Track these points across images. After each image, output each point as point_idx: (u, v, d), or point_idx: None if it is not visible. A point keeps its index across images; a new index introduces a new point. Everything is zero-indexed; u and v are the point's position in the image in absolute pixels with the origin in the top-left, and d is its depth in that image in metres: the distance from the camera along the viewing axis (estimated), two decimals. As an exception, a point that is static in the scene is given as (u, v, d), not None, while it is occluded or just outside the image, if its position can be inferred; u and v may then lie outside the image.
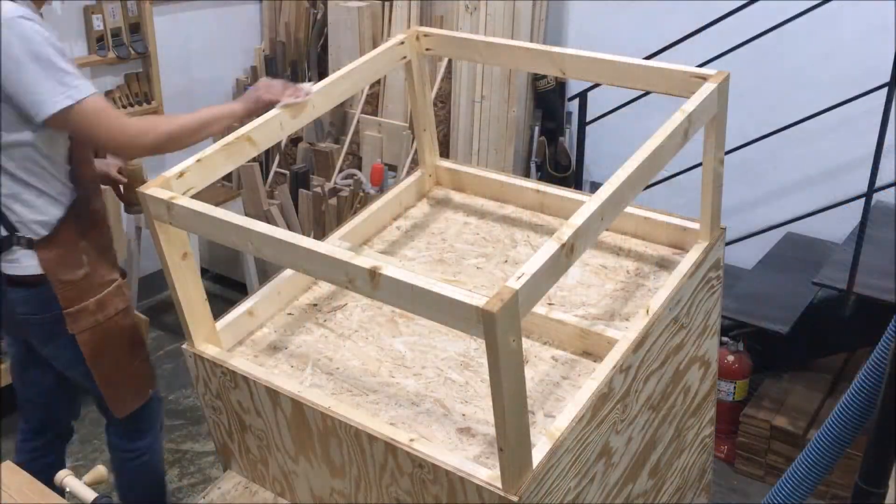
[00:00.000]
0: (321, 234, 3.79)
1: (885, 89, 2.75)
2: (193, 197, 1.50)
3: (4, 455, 3.15)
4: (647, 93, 2.96)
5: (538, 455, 1.32)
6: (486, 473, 1.31)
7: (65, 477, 1.72)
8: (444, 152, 3.94)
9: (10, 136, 1.94)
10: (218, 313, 1.69)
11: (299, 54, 4.33)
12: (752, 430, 3.11)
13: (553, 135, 4.04)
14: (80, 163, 2.07)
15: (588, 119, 3.54)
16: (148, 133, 1.93)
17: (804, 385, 3.24)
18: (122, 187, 2.42)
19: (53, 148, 2.00)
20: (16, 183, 1.99)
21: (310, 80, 4.26)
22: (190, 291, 1.57)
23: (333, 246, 1.41)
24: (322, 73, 4.27)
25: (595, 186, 3.60)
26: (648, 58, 2.88)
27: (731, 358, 3.17)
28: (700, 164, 1.76)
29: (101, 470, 1.78)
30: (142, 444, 2.44)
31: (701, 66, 2.09)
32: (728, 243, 2.33)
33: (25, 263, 2.04)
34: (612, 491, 1.62)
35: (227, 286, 4.29)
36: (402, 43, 1.90)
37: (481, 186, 2.10)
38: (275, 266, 1.55)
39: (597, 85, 3.24)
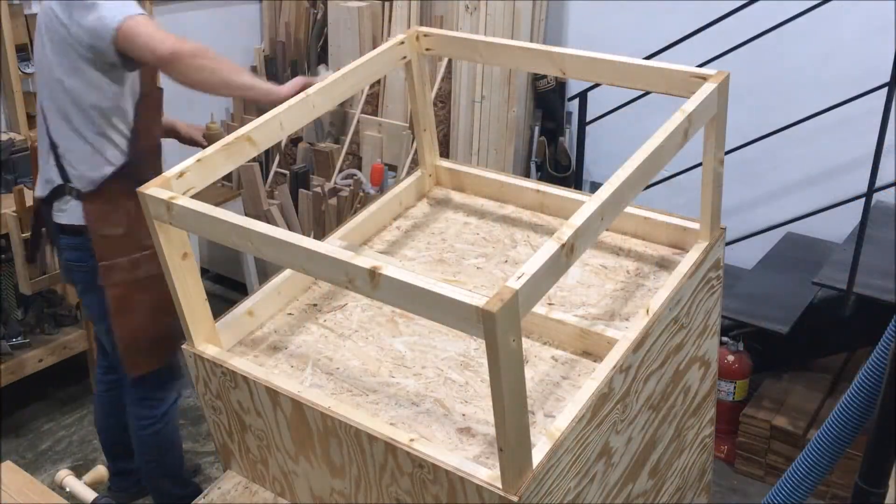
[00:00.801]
0: (321, 234, 3.79)
1: (885, 89, 2.76)
2: (193, 197, 1.50)
3: (5, 455, 3.16)
4: (647, 93, 2.96)
5: (538, 455, 1.32)
6: (486, 473, 1.32)
7: (65, 477, 1.72)
8: (444, 152, 3.95)
9: (89, 97, 2.19)
10: (218, 313, 1.69)
11: (299, 54, 4.33)
12: (752, 430, 3.11)
13: (553, 135, 4.04)
14: (140, 133, 2.28)
15: (588, 119, 3.54)
16: (174, 42, 2.05)
17: (804, 385, 3.24)
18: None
19: (120, 115, 2.24)
20: (79, 139, 2.22)
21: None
22: (190, 291, 1.57)
23: (333, 246, 1.41)
24: (322, 73, 4.27)
25: (595, 186, 3.60)
26: (648, 58, 2.88)
27: (731, 358, 3.17)
28: (700, 164, 1.76)
29: (101, 470, 1.78)
30: (153, 413, 2.57)
31: (701, 66, 2.09)
32: (728, 243, 2.33)
33: (74, 213, 2.27)
34: (612, 491, 1.62)
35: (227, 286, 4.29)
36: (402, 43, 1.90)
37: (481, 186, 2.10)
38: (275, 266, 1.55)
39: (597, 85, 3.24)
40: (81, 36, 2.14)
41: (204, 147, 2.56)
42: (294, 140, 4.24)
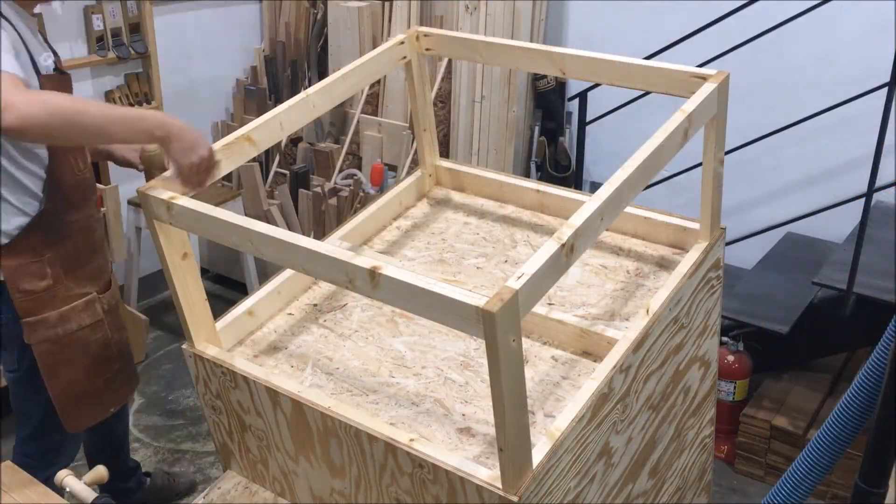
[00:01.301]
0: (321, 234, 3.79)
1: (885, 89, 2.76)
2: (193, 197, 1.50)
3: (4, 455, 3.15)
4: (647, 93, 2.96)
5: (538, 455, 1.32)
6: (486, 473, 1.32)
7: (65, 477, 1.72)
8: (444, 152, 3.94)
9: None
10: (218, 313, 1.69)
11: (299, 54, 4.33)
12: (752, 430, 3.11)
13: (553, 135, 4.04)
14: (58, 172, 2.02)
15: (588, 119, 3.54)
16: (22, 113, 1.63)
17: (804, 385, 3.24)
18: (144, 173, 2.27)
19: (27, 157, 1.98)
20: None
21: (309, 81, 4.27)
22: (190, 291, 1.57)
23: (333, 246, 1.41)
24: (322, 73, 4.27)
25: (595, 186, 3.59)
26: (648, 58, 2.88)
27: (731, 358, 3.17)
28: (700, 164, 1.76)
29: (101, 470, 1.78)
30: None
31: (701, 66, 2.09)
32: (728, 243, 2.33)
33: None
34: (612, 491, 1.62)
35: (227, 286, 4.29)
36: (402, 43, 1.90)
37: (481, 186, 2.10)
38: (275, 266, 1.55)
39: (597, 85, 3.24)
40: None
41: (139, 170, 2.22)
42: (294, 140, 4.24)
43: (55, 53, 2.11)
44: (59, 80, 2.02)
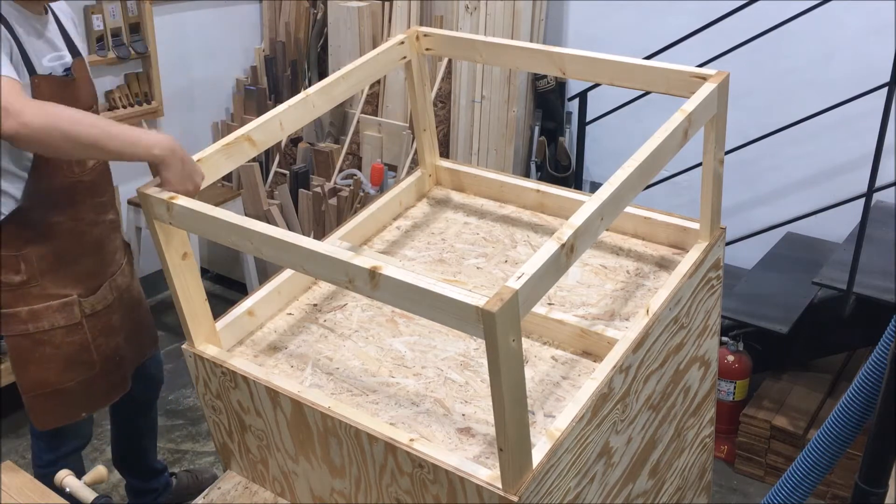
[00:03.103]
0: (321, 234, 3.79)
1: (885, 89, 2.76)
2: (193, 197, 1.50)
3: (5, 455, 3.16)
4: (647, 93, 2.96)
5: (538, 455, 1.32)
6: (486, 473, 1.32)
7: (65, 477, 1.72)
8: (444, 152, 3.94)
9: None
10: (218, 313, 1.69)
11: (299, 54, 4.33)
12: (752, 430, 3.11)
13: (553, 135, 4.04)
14: (44, 175, 2.01)
15: (588, 119, 3.54)
16: (24, 121, 1.68)
17: (804, 385, 3.24)
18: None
19: (12, 155, 1.97)
20: None
21: (309, 81, 4.27)
22: (190, 291, 1.57)
23: (333, 246, 1.41)
24: (322, 73, 4.27)
25: (595, 186, 3.60)
26: (648, 58, 2.88)
27: (731, 358, 3.17)
28: (700, 164, 1.76)
29: (101, 470, 1.78)
30: (45, 457, 2.34)
31: (701, 66, 2.09)
32: (728, 243, 2.33)
33: None
34: (612, 491, 1.62)
35: (227, 286, 4.30)
36: (402, 43, 1.90)
37: (481, 186, 2.10)
38: (275, 266, 1.55)
39: (597, 85, 3.24)
40: None
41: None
42: (294, 140, 4.24)
43: (78, 54, 2.10)
44: (57, 83, 2.00)
